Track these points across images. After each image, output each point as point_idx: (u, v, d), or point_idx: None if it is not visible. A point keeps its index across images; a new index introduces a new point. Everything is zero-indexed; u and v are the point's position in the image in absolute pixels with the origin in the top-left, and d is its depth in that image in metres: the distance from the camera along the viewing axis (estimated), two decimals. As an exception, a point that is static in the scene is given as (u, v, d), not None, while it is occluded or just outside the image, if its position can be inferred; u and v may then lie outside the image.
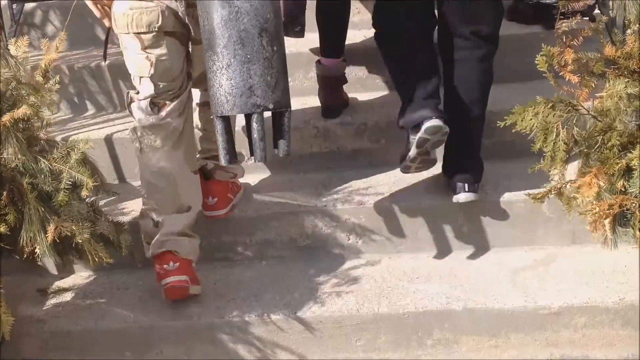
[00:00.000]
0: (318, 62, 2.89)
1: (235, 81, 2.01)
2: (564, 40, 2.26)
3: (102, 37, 3.38)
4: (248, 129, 2.08)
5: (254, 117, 2.05)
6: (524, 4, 3.18)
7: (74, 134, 2.89)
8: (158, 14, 2.24)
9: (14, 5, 3.27)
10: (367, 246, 2.63)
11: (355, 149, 2.87)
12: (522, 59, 2.99)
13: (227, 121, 2.09)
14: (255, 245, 2.67)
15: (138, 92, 2.35)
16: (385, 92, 3.04)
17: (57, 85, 2.29)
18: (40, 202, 2.14)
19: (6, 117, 2.13)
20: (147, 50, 2.27)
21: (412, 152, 2.47)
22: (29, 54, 3.25)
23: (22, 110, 2.15)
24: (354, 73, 3.05)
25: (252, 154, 2.10)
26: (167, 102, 2.34)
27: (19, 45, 2.34)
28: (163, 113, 2.33)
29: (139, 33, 2.25)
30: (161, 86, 2.31)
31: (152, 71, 2.28)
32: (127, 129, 2.89)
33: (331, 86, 2.88)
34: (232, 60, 2.00)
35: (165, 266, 2.37)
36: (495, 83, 2.66)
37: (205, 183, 2.61)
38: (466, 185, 2.54)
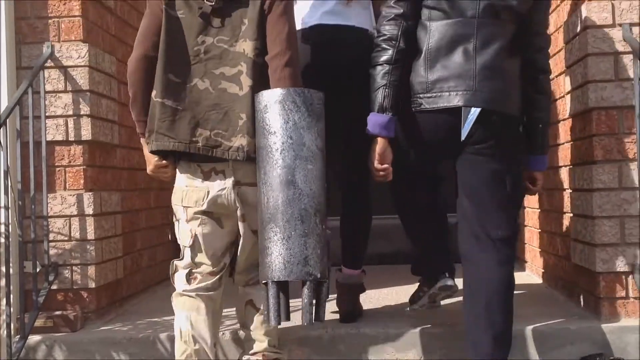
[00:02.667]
0: (339, 270, 3.14)
1: (294, 251, 2.30)
2: None
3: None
4: (285, 295, 2.35)
5: (307, 284, 2.32)
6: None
7: None
8: (204, 194, 2.53)
9: (15, 341, 2.88)
10: None
11: None
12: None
13: (279, 286, 2.33)
14: None
15: (181, 259, 2.62)
16: None
17: None
18: None
19: None
20: (191, 223, 2.56)
21: (423, 300, 2.95)
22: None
23: None
24: None
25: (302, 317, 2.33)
26: (199, 276, 2.60)
27: None
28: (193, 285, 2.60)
29: (186, 207, 2.56)
30: (197, 258, 2.58)
31: (191, 242, 2.57)
32: None
33: (350, 293, 3.12)
34: (292, 233, 2.30)
35: None
36: None
37: None
38: None
